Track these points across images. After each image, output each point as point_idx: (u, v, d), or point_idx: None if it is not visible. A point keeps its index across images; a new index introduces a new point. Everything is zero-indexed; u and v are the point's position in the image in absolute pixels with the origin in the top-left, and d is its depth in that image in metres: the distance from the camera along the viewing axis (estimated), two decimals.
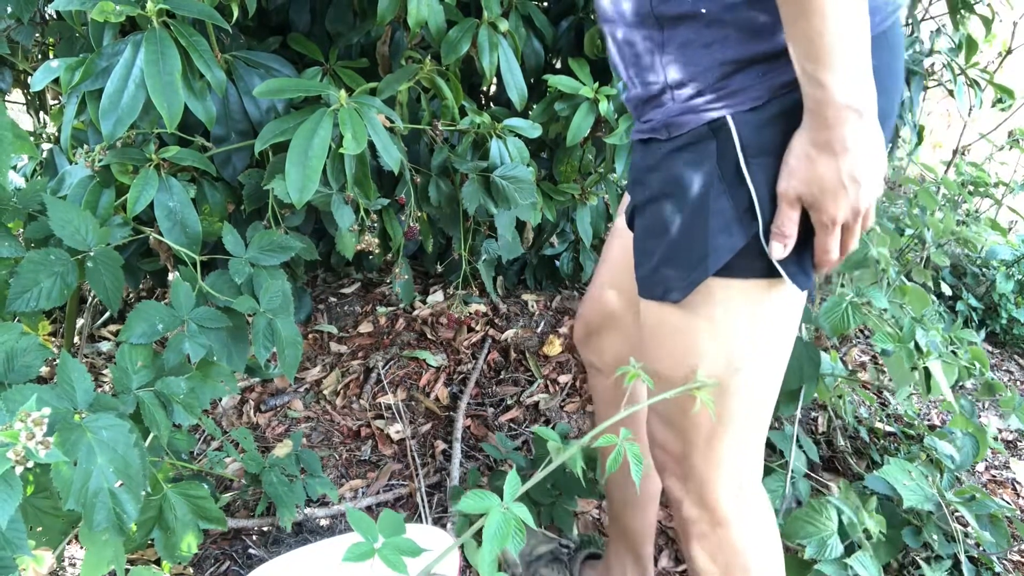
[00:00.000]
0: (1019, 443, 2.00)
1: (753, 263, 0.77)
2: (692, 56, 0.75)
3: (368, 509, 1.59)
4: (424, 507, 1.59)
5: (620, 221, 1.11)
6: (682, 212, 0.79)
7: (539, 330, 2.21)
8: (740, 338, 0.82)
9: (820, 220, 0.74)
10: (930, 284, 1.67)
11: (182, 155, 1.21)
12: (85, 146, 1.23)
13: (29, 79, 1.76)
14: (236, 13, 1.21)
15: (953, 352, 1.41)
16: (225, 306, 1.13)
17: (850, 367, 2.16)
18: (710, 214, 0.76)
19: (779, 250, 0.75)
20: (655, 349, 0.89)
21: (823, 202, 0.72)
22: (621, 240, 1.10)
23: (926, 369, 1.33)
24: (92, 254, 1.05)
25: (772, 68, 0.72)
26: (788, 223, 0.75)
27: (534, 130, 1.59)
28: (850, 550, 1.21)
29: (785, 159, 0.73)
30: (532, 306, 2.32)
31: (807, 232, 0.76)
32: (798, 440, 1.52)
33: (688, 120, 0.76)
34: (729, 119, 0.74)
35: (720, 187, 0.76)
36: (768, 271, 0.77)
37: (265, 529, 1.51)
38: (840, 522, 1.23)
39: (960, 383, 1.43)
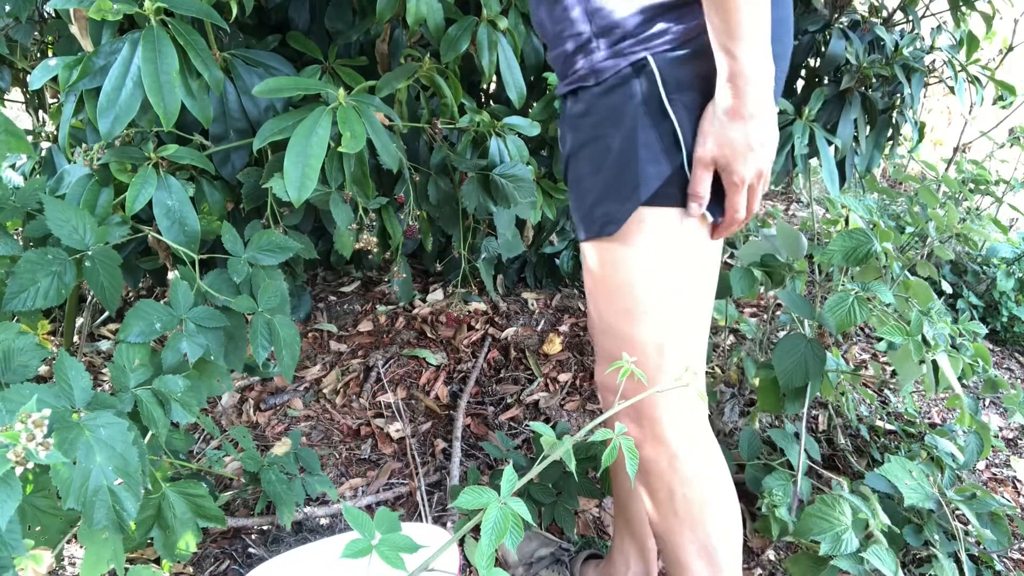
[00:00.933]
0: (1019, 441, 1.99)
1: (678, 192, 0.86)
2: (617, 5, 0.83)
3: (368, 508, 1.59)
4: (424, 505, 1.58)
5: None
6: (613, 148, 0.87)
7: (539, 328, 2.21)
8: (671, 264, 0.89)
9: (731, 180, 0.84)
10: (935, 278, 1.67)
11: (181, 153, 1.20)
12: (83, 144, 1.23)
13: (28, 77, 1.76)
14: (235, 11, 1.20)
15: (955, 348, 1.41)
16: (223, 306, 1.13)
17: (851, 365, 2.16)
18: (639, 146, 0.85)
19: (695, 209, 0.86)
20: (596, 289, 0.96)
21: (733, 163, 0.82)
22: None
23: (934, 362, 1.32)
24: (90, 253, 1.05)
25: (686, 13, 0.81)
26: (701, 185, 0.85)
27: (533, 128, 1.59)
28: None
29: (700, 126, 0.83)
30: (532, 304, 2.32)
31: (716, 177, 0.86)
32: (799, 437, 1.51)
33: (614, 64, 0.85)
34: (650, 59, 0.83)
35: (646, 121, 0.84)
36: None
37: (264, 528, 1.51)
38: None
39: (962, 380, 1.43)
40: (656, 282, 0.90)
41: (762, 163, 0.83)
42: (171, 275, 1.48)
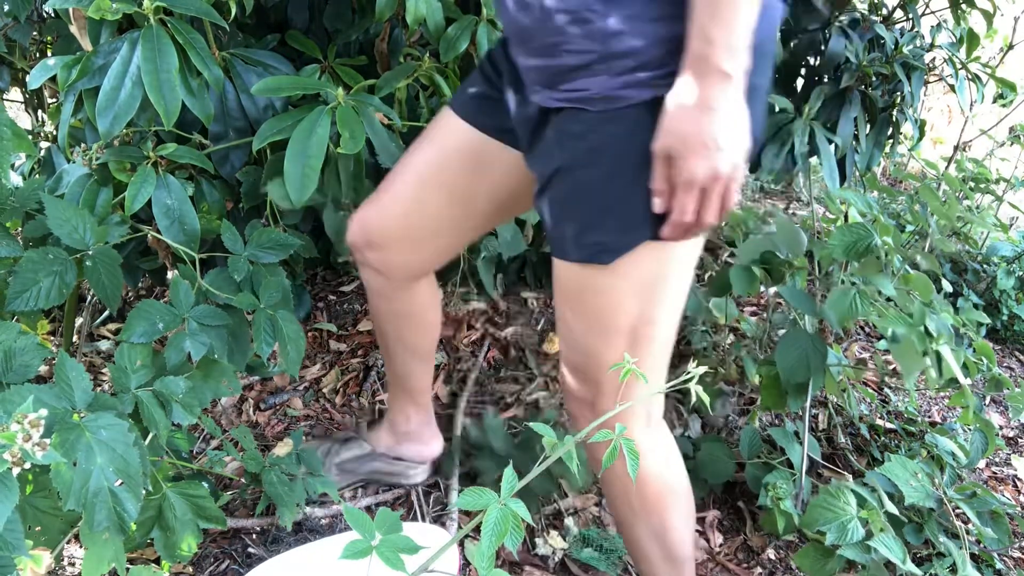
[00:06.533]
0: (1020, 439, 1.99)
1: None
2: (638, 29, 0.76)
3: (367, 508, 1.59)
4: (423, 505, 1.58)
5: (453, 119, 1.05)
6: (615, 180, 0.82)
7: (539, 328, 2.21)
8: (657, 292, 0.90)
9: (681, 176, 0.76)
10: (937, 271, 1.66)
11: (180, 153, 1.20)
12: (83, 144, 1.22)
13: (27, 77, 1.76)
14: (234, 10, 1.20)
15: (951, 347, 1.41)
16: (225, 303, 1.13)
17: (852, 363, 2.16)
18: (647, 184, 0.80)
19: (658, 204, 0.80)
20: (572, 311, 0.94)
21: (684, 157, 0.75)
22: (456, 143, 1.05)
23: (937, 354, 1.32)
24: (90, 253, 1.05)
25: None
26: (659, 179, 0.79)
27: None
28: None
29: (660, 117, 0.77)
30: (532, 304, 2.32)
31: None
32: (800, 436, 1.51)
33: (629, 95, 0.79)
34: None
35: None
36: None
37: (265, 528, 1.51)
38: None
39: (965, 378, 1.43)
40: (639, 307, 0.90)
41: (721, 167, 0.75)
42: (171, 274, 1.48)
